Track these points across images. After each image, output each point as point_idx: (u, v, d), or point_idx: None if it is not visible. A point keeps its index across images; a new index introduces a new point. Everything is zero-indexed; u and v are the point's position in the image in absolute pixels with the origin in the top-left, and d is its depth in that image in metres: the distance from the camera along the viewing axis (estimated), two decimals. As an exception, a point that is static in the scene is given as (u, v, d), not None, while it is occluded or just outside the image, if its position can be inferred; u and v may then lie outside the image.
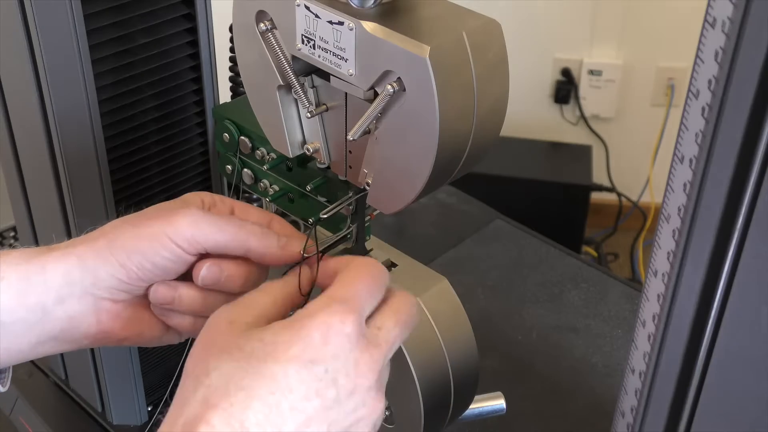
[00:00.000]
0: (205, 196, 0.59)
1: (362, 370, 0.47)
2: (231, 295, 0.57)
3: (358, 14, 0.49)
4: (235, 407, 0.43)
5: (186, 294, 0.56)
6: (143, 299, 0.57)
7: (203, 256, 0.56)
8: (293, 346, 0.45)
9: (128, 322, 0.56)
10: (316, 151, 0.58)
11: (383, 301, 0.51)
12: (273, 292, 0.51)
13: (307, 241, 0.56)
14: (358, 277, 0.50)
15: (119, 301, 0.56)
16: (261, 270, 0.57)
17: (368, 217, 0.63)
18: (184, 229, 0.54)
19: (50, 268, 0.53)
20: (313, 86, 0.56)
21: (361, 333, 0.47)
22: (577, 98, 2.28)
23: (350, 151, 0.57)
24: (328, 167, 0.60)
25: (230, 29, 0.58)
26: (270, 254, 0.56)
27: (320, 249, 0.56)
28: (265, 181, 0.67)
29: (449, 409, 0.63)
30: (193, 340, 0.50)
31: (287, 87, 0.56)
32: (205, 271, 0.55)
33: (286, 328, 0.46)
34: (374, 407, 0.48)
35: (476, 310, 1.05)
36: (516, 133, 2.20)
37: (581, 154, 2.21)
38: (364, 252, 0.64)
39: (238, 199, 0.69)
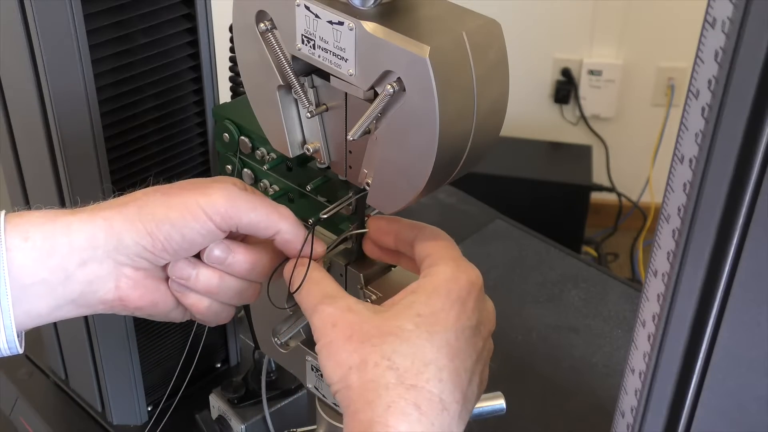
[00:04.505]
0: (237, 181, 0.58)
1: (491, 311, 0.54)
2: (246, 281, 0.57)
3: (358, 14, 0.49)
4: (430, 383, 0.47)
5: (204, 273, 0.56)
6: (161, 271, 0.57)
7: (235, 234, 0.56)
8: (452, 311, 0.50)
9: (145, 292, 0.56)
10: (316, 151, 0.58)
11: None
12: (330, 279, 0.55)
13: (306, 239, 0.56)
14: (442, 236, 0.55)
15: (140, 269, 0.55)
16: (267, 261, 0.58)
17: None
18: (220, 202, 0.54)
19: (75, 229, 0.52)
20: (313, 86, 0.56)
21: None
22: (577, 98, 2.28)
23: (350, 151, 0.57)
24: (328, 167, 0.60)
25: (230, 29, 0.58)
26: (295, 243, 0.56)
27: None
28: (265, 181, 0.67)
29: None
30: (195, 339, 0.50)
31: (287, 87, 0.55)
32: (213, 249, 0.55)
33: (433, 296, 0.50)
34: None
35: (476, 310, 1.05)
36: (516, 133, 2.19)
37: (581, 154, 2.20)
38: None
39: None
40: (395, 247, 0.58)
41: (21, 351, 0.53)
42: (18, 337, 0.53)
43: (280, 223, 0.56)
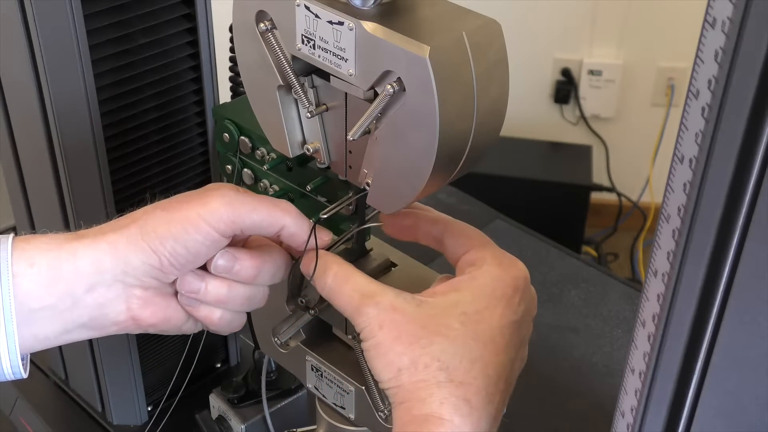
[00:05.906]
0: (230, 185, 0.58)
1: (534, 298, 0.57)
2: (254, 286, 0.57)
3: (358, 14, 0.49)
4: (478, 379, 0.50)
5: (212, 284, 0.56)
6: (170, 287, 0.57)
7: (236, 240, 0.56)
8: (497, 310, 0.52)
9: (157, 309, 0.56)
10: (316, 151, 0.58)
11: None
12: (358, 272, 0.55)
13: (308, 240, 0.56)
14: (474, 232, 0.57)
15: (149, 288, 0.55)
16: (272, 263, 0.58)
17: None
18: (220, 210, 0.54)
19: (81, 255, 0.53)
20: (313, 86, 0.56)
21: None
22: (577, 98, 2.28)
23: (350, 151, 0.57)
24: (328, 167, 0.60)
25: (230, 29, 0.58)
26: (301, 235, 0.56)
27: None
28: (265, 181, 0.67)
29: None
30: (195, 339, 0.50)
31: (287, 87, 0.56)
32: (218, 259, 0.55)
33: (478, 295, 0.52)
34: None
35: (476, 310, 1.05)
36: (516, 133, 2.19)
37: (581, 154, 2.20)
38: (365, 252, 0.64)
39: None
40: (415, 240, 0.59)
41: (25, 375, 0.54)
42: (23, 361, 0.53)
43: (284, 219, 0.55)
